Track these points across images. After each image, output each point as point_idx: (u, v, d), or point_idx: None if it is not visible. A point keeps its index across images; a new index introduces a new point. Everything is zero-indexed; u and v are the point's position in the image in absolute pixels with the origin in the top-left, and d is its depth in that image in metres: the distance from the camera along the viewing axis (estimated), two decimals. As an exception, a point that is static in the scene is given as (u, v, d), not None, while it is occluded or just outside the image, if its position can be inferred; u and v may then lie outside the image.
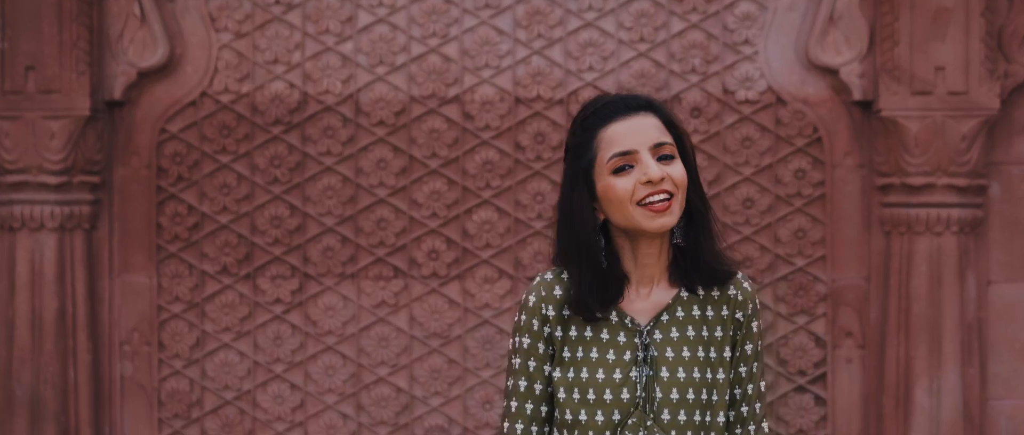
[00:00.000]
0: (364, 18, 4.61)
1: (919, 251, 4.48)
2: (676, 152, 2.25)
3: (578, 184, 2.25)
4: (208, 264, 4.68)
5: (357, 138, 4.64)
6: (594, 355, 2.26)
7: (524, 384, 2.30)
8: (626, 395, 2.22)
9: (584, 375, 2.25)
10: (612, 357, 2.25)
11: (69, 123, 4.53)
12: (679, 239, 2.27)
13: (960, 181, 4.48)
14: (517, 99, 4.62)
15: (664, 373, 2.24)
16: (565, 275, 2.30)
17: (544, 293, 2.29)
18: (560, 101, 4.58)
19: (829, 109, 4.58)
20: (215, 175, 4.67)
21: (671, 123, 2.27)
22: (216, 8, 4.59)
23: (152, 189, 4.65)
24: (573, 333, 2.29)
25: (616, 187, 2.21)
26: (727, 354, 2.29)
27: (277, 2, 4.61)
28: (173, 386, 4.70)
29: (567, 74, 4.63)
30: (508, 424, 2.33)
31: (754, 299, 2.32)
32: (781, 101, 4.60)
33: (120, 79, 4.59)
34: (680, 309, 2.30)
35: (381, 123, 4.64)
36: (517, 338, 2.31)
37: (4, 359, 4.58)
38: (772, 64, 4.59)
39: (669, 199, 2.21)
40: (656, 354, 2.25)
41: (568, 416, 2.25)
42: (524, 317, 2.30)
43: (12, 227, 4.58)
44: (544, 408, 2.30)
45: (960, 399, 4.49)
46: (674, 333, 2.27)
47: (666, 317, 2.29)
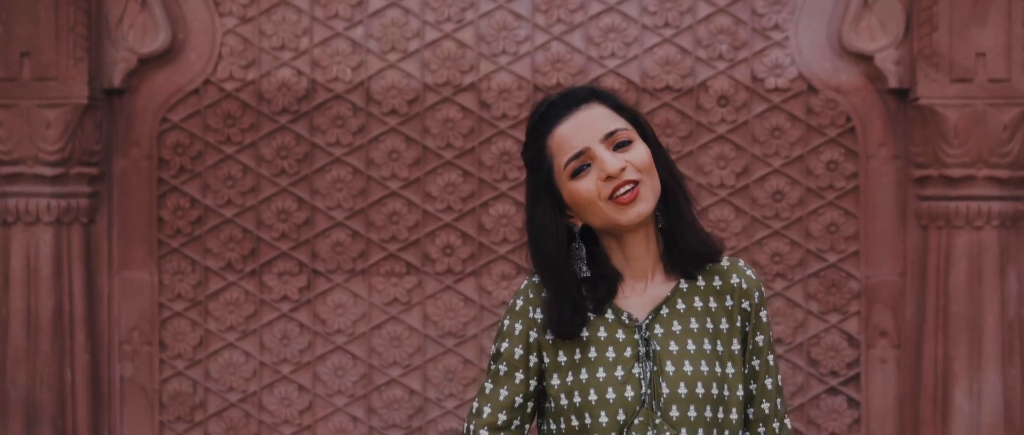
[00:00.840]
0: (375, 2, 4.56)
1: (958, 246, 4.42)
2: (634, 135, 2.20)
3: (540, 198, 2.21)
4: (212, 260, 4.62)
5: (368, 128, 4.59)
6: (592, 355, 2.19)
7: (490, 387, 2.25)
8: (630, 393, 2.15)
9: (583, 376, 2.18)
10: (612, 355, 2.18)
11: (66, 112, 4.46)
12: (662, 223, 2.23)
13: (1001, 173, 4.41)
14: (536, 87, 4.56)
15: (669, 368, 2.17)
16: None
17: (532, 296, 2.24)
18: (581, 89, 4.50)
19: (863, 97, 4.52)
20: (219, 166, 4.61)
21: (620, 107, 2.22)
22: (220, -9, 4.57)
23: (153, 181, 4.59)
24: None
25: (580, 191, 2.17)
26: (736, 347, 2.23)
27: (284, -15, 4.60)
28: (175, 388, 4.65)
29: (588, 61, 4.57)
30: (467, 425, 2.29)
31: (759, 286, 2.27)
32: (813, 89, 4.53)
33: (120, 66, 4.53)
34: (680, 301, 2.24)
35: (393, 112, 4.59)
36: (499, 344, 2.26)
37: (-2, 359, 4.57)
38: (803, 50, 4.53)
39: (635, 187, 2.16)
40: (658, 349, 2.18)
41: (573, 422, 2.19)
42: (508, 321, 2.26)
43: (6, 221, 4.54)
44: (503, 417, 2.24)
45: (1001, 401, 4.42)
46: (676, 326, 2.21)
47: (666, 310, 2.23)
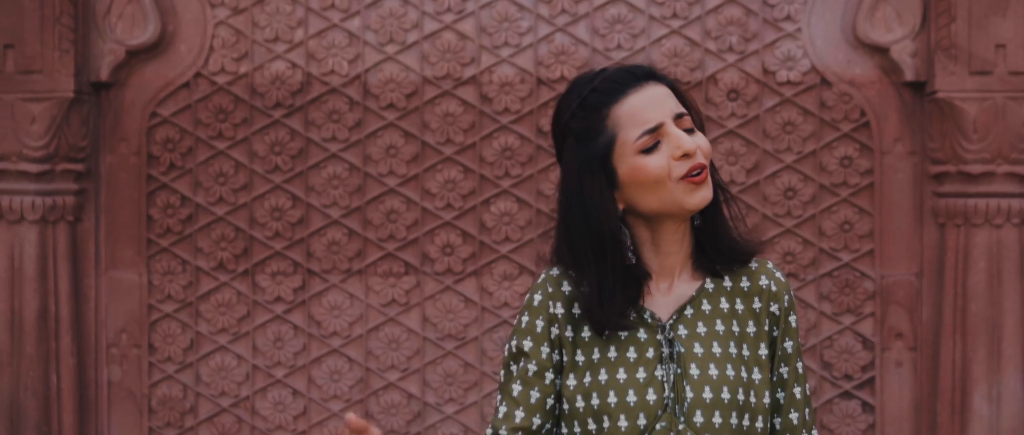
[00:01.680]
0: (372, -8, 4.56)
1: (977, 245, 4.37)
2: (692, 122, 2.16)
3: (593, 172, 2.11)
4: (203, 259, 4.59)
5: (365, 123, 4.55)
6: (612, 355, 2.13)
7: (518, 389, 2.16)
8: (652, 396, 2.09)
9: (602, 377, 2.12)
10: (633, 355, 2.12)
11: (51, 106, 4.40)
12: (698, 220, 2.17)
13: (1022, 169, 4.35)
14: (539, 80, 4.51)
15: (694, 371, 2.11)
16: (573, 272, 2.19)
17: (551, 290, 2.17)
18: (586, 82, 4.42)
19: (878, 91, 4.47)
20: (210, 163, 4.57)
21: (679, 92, 2.17)
22: (212, -19, 4.57)
23: (142, 178, 4.55)
24: (586, 334, 2.15)
25: (649, 167, 2.08)
26: (763, 352, 2.17)
27: (278, -25, 4.58)
28: (165, 392, 4.61)
29: (593, 53, 4.51)
30: (494, 431, 2.19)
31: (789, 289, 2.21)
32: (826, 82, 4.48)
33: (107, 58, 4.48)
34: (706, 302, 2.18)
35: (391, 106, 4.55)
36: (516, 341, 2.18)
37: (-20, 363, 4.56)
38: (816, 42, 4.48)
39: (704, 170, 2.12)
40: (682, 350, 2.12)
41: (589, 426, 2.12)
42: (527, 318, 2.18)
43: (-11, 219, 4.52)
44: (537, 420, 2.16)
45: (1021, 406, 4.39)
46: (701, 328, 2.15)
47: (690, 311, 2.17)
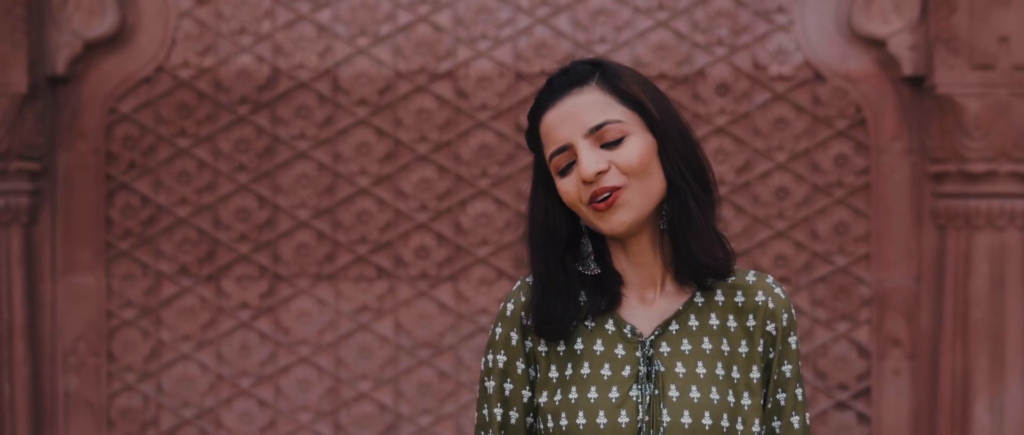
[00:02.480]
0: (343, -18, 4.59)
1: (979, 248, 4.37)
2: (629, 128, 2.06)
3: (539, 186, 2.13)
4: (165, 263, 4.59)
5: (335, 119, 4.55)
6: (586, 371, 2.07)
7: (499, 412, 2.13)
8: (625, 418, 2.03)
9: (573, 396, 2.06)
10: (608, 373, 2.06)
11: (3, 102, 4.39)
12: (663, 224, 2.10)
13: None
14: (518, 75, 4.52)
15: (673, 392, 2.04)
16: None
17: (524, 298, 2.13)
18: (567, 77, 4.47)
19: (875, 86, 4.47)
20: (173, 162, 4.58)
21: (623, 90, 2.08)
22: (174, -30, 4.58)
23: (101, 178, 4.56)
24: (561, 347, 2.11)
25: (563, 190, 2.08)
26: (755, 375, 2.10)
27: (244, -36, 4.61)
28: (125, 403, 4.60)
29: (575, 46, 4.50)
30: None
31: (789, 307, 2.13)
32: (820, 77, 4.49)
33: (63, 51, 4.48)
34: (693, 317, 2.11)
35: (363, 102, 4.55)
36: (491, 356, 2.14)
37: (-71, 372, 4.52)
38: (809, 35, 4.48)
39: (613, 193, 2.05)
40: (663, 369, 2.06)
41: None
42: (500, 330, 2.14)
43: (-61, 221, 4.50)
44: None
45: None
46: (685, 345, 2.08)
47: (676, 326, 2.10)
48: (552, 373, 2.09)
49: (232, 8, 4.50)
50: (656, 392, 2.04)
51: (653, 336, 2.10)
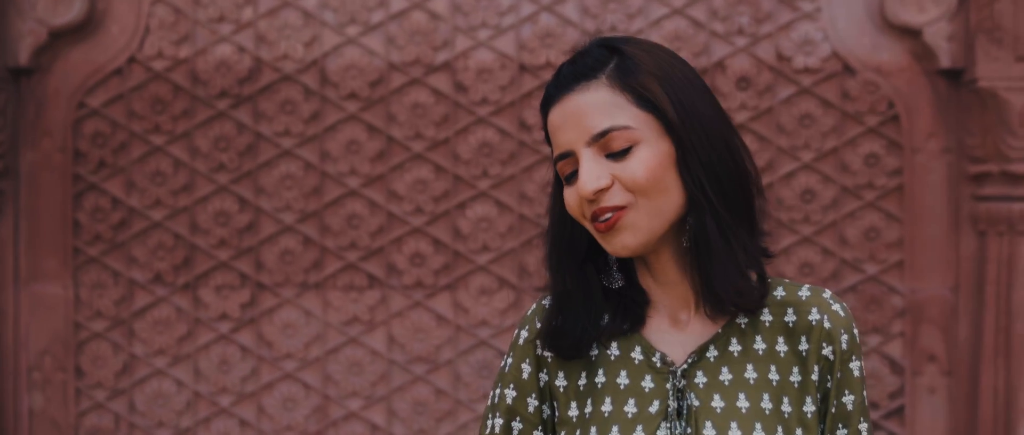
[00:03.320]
0: (332, -35, 4.65)
1: (1022, 255, 4.34)
2: (640, 135, 1.90)
3: (556, 187, 2.02)
4: (137, 271, 4.56)
5: (323, 115, 4.54)
6: (607, 408, 1.96)
7: None
8: None
9: None
10: (633, 410, 1.94)
11: None
12: (685, 241, 1.97)
13: None
14: (522, 66, 4.49)
15: (709, 431, 1.93)
16: None
17: (540, 326, 2.02)
18: (575, 69, 4.51)
19: (909, 79, 4.43)
20: (146, 160, 4.56)
21: (637, 87, 1.91)
22: (147, -48, 4.61)
23: (67, 178, 4.54)
24: (582, 381, 1.98)
25: (566, 200, 1.95)
26: (810, 408, 1.95)
27: (223, -55, 4.64)
28: (94, 422, 4.58)
29: (583, 35, 4.42)
30: None
31: (850, 327, 1.96)
32: (849, 70, 4.45)
33: (27, 40, 4.46)
34: (735, 341, 1.96)
35: (353, 96, 4.53)
36: (499, 390, 2.03)
37: None
38: (838, 24, 4.44)
39: (617, 213, 1.91)
40: (697, 404, 1.93)
41: None
42: (511, 361, 2.03)
43: None
44: None
45: None
46: (725, 375, 1.95)
47: (714, 352, 1.96)
48: (571, 411, 1.96)
49: (211, -6, 4.60)
50: (689, 432, 1.92)
51: (686, 365, 1.95)
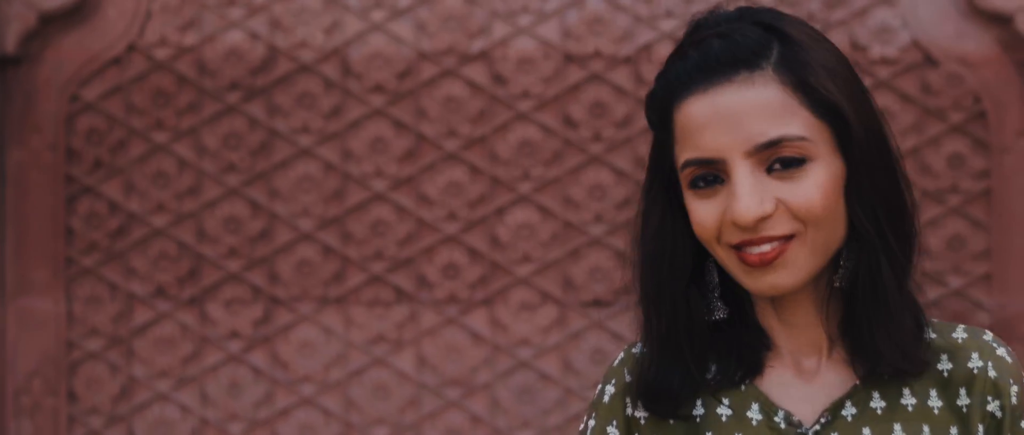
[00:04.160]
0: (355, -57, 4.55)
1: None
2: (816, 150, 1.64)
3: (657, 186, 1.75)
4: (137, 284, 4.46)
5: (345, 109, 4.43)
6: None
7: None
8: None
9: None
10: None
11: None
12: (838, 281, 1.72)
13: None
14: (567, 56, 4.41)
15: None
16: None
17: (630, 379, 1.81)
18: (627, 59, 4.59)
19: (997, 72, 4.34)
20: (147, 160, 4.46)
21: (810, 86, 1.61)
22: (149, -71, 4.53)
23: (59, 179, 4.45)
24: None
25: (695, 215, 1.70)
26: None
27: (234, -78, 4.56)
28: None
29: (636, 22, 4.38)
30: None
31: (1020, 376, 1.73)
32: (931, 61, 4.35)
33: (14, 26, 4.39)
34: (877, 396, 1.73)
35: (378, 89, 4.43)
36: None
37: None
38: (918, 9, 4.36)
39: (780, 244, 1.68)
40: None
41: None
42: (594, 424, 1.82)
43: None
44: None
45: None
46: None
47: (851, 410, 1.73)
48: None
49: (220, -26, 4.53)
50: None
51: (819, 426, 1.73)
